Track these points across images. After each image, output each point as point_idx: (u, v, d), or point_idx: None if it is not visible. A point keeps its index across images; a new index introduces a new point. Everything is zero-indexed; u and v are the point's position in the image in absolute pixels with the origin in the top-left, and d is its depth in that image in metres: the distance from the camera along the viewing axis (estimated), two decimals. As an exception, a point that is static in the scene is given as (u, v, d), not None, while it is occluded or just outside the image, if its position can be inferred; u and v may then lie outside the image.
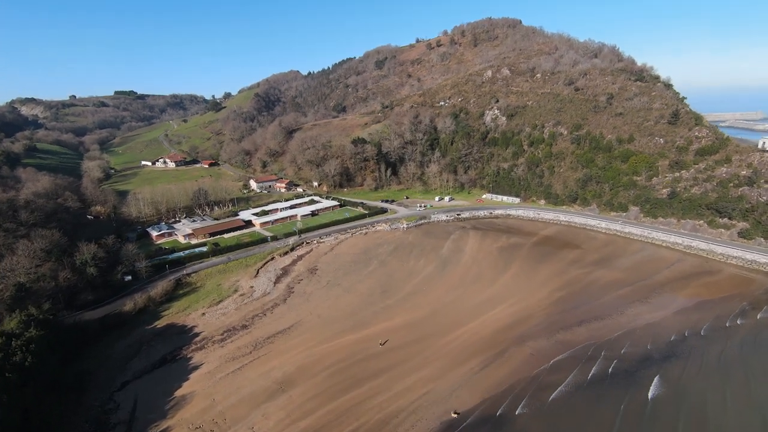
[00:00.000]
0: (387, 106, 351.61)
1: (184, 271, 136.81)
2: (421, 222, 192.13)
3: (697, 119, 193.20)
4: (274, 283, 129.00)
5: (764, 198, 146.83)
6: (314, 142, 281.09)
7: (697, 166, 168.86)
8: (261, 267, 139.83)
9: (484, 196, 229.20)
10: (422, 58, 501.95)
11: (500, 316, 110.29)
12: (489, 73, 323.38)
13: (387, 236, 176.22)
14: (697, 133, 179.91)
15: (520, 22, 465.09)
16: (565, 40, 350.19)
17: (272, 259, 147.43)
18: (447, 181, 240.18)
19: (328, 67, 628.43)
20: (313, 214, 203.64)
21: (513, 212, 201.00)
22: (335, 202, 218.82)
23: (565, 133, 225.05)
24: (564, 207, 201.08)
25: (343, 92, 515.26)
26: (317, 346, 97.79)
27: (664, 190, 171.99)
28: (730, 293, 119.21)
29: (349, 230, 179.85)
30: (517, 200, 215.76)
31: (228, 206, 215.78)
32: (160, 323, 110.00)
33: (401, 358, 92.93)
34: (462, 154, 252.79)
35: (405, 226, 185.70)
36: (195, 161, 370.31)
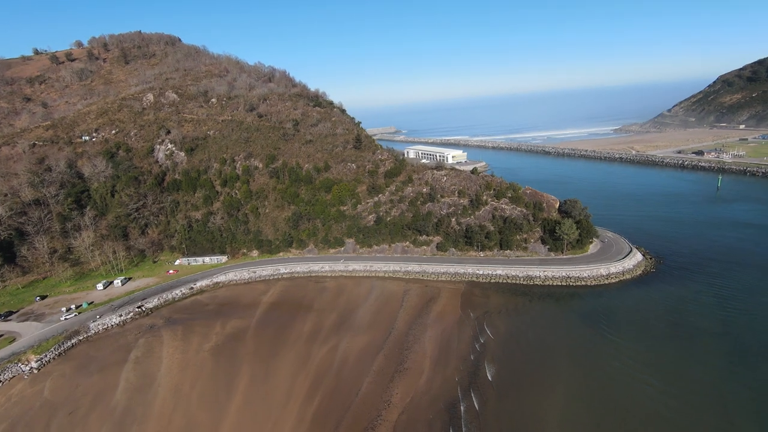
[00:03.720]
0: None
1: None
2: (71, 343, 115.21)
3: (374, 143, 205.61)
4: None
5: (444, 211, 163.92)
6: None
7: (389, 188, 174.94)
8: None
9: (177, 261, 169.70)
10: (48, 76, 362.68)
11: None
12: (150, 96, 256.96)
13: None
14: (380, 156, 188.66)
15: (180, 40, 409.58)
16: (235, 63, 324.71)
17: None
18: (114, 253, 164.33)
19: None
20: None
21: (222, 278, 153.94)
22: None
23: (261, 166, 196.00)
24: (281, 254, 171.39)
25: None
26: None
27: (370, 217, 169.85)
28: (455, 316, 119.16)
29: None
30: (223, 258, 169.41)
31: None
32: None
33: None
34: (131, 209, 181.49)
35: (33, 365, 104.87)
36: None
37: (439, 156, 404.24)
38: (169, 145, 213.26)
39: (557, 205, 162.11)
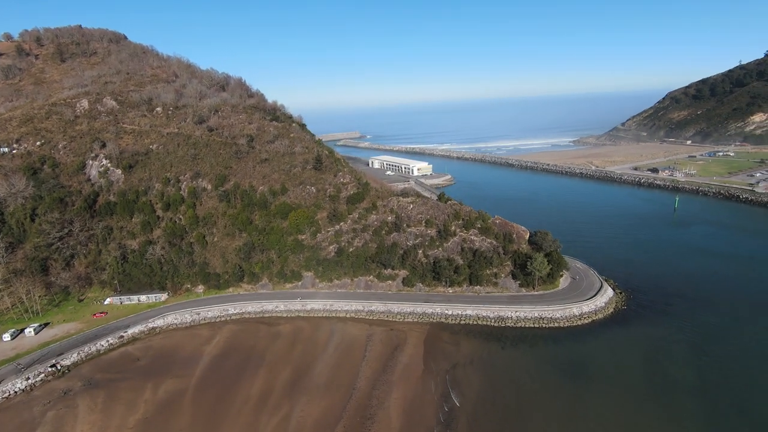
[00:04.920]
0: None
1: None
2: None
3: (337, 162, 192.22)
4: None
5: (411, 242, 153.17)
6: None
7: (351, 216, 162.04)
8: None
9: (107, 301, 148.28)
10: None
11: None
12: (85, 102, 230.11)
13: None
14: (342, 179, 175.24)
15: (125, 37, 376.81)
16: (186, 66, 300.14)
17: None
18: (28, 293, 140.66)
19: None
20: None
21: (159, 322, 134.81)
22: None
23: (210, 187, 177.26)
24: (230, 290, 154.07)
25: None
26: None
27: (331, 248, 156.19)
28: (423, 370, 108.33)
29: None
30: (162, 296, 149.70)
31: None
32: None
33: None
34: (54, 238, 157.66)
35: None
36: None
37: (405, 168, 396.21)
38: (104, 161, 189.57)
39: (527, 237, 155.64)
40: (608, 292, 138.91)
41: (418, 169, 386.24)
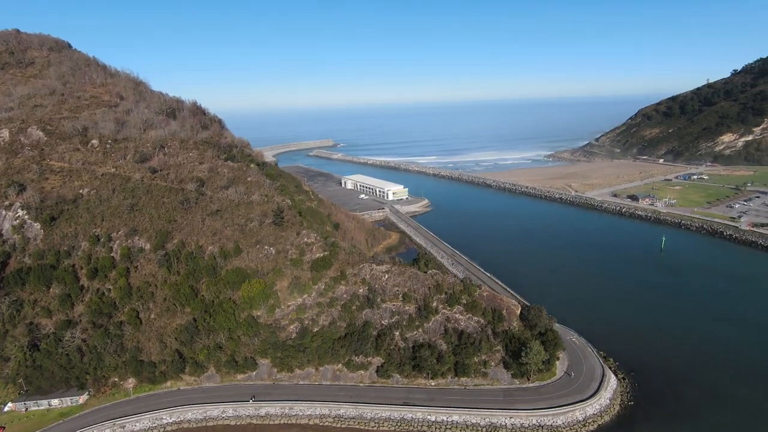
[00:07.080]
0: None
1: None
2: None
3: (301, 211, 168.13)
4: None
5: (386, 321, 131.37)
6: None
7: (317, 286, 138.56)
8: None
9: (9, 406, 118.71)
10: None
11: None
12: (5, 133, 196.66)
13: None
14: (306, 239, 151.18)
15: (69, 45, 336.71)
16: (134, 84, 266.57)
17: None
18: None
19: None
20: None
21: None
22: None
23: (148, 247, 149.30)
24: (168, 383, 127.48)
25: None
26: None
27: (292, 327, 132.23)
28: None
29: None
30: (81, 398, 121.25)
31: None
32: None
33: None
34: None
35: None
36: None
37: (379, 191, 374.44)
38: (20, 212, 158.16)
39: (518, 312, 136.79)
40: (611, 383, 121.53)
41: (393, 193, 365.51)
